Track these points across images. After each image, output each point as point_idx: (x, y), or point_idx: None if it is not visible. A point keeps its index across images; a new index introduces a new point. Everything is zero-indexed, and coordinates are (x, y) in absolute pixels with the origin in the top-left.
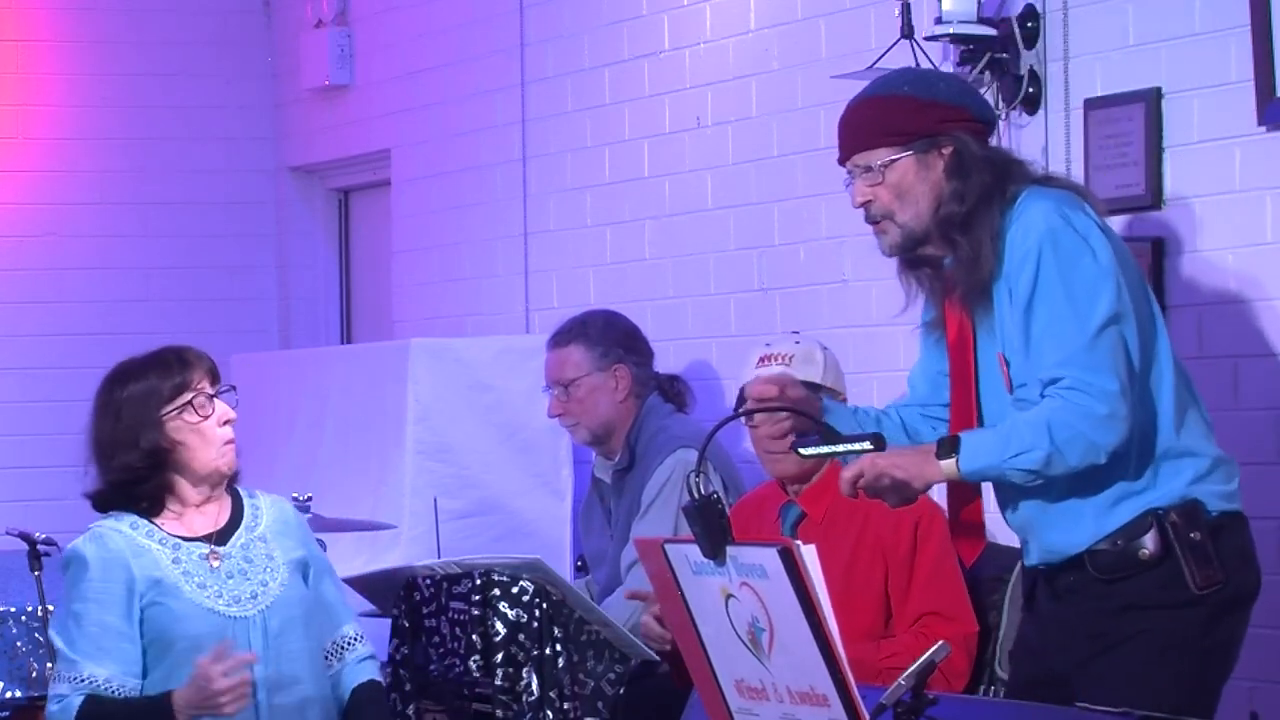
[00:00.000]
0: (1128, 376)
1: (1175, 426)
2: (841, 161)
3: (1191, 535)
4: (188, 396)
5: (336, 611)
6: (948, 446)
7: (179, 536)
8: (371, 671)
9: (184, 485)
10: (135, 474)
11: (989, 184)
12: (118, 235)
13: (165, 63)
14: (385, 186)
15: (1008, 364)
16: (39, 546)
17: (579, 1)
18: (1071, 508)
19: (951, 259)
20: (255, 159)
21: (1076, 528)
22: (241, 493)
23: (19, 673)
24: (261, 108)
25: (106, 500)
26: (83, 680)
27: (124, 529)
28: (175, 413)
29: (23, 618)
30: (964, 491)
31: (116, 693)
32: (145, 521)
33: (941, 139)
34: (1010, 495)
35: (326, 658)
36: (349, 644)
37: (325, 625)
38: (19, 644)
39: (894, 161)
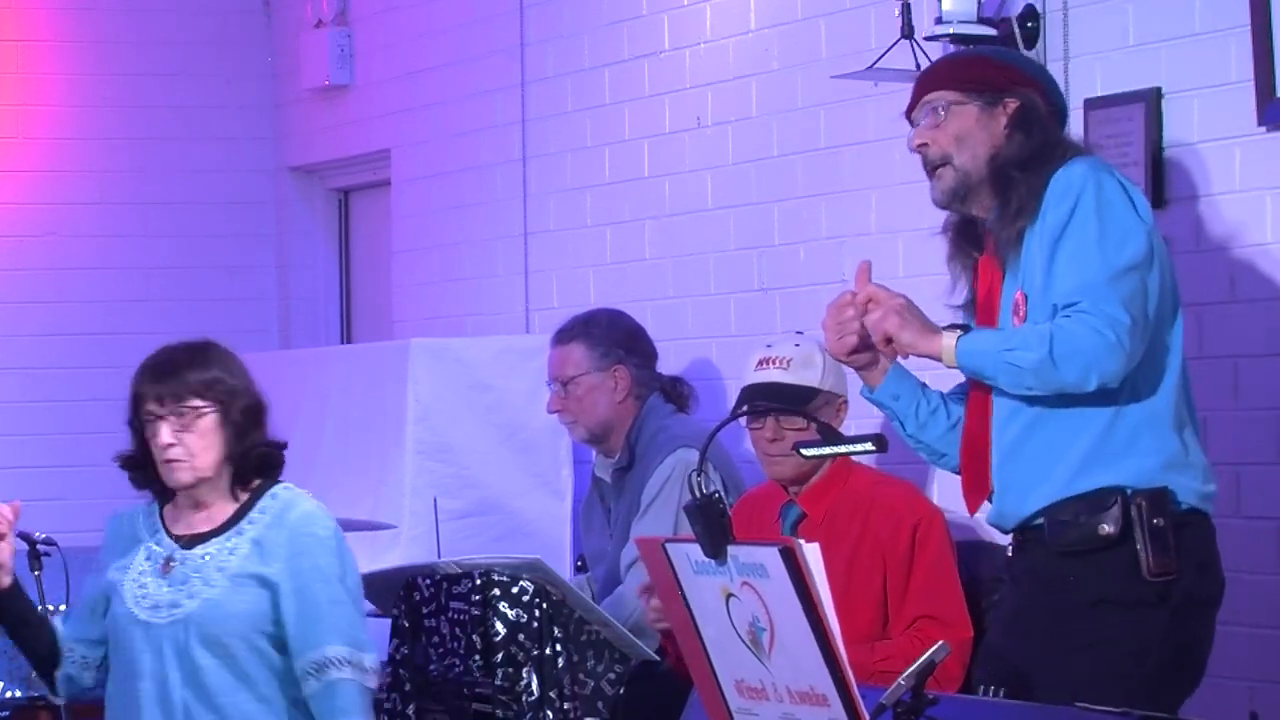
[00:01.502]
0: (1144, 324)
1: (1169, 409)
2: (909, 112)
3: (1154, 521)
4: (140, 413)
5: (316, 630)
6: (956, 329)
7: (168, 531)
8: (341, 697)
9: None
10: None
11: (1050, 142)
12: (118, 235)
13: (165, 63)
14: (385, 186)
15: (1026, 299)
16: (39, 546)
17: (579, 1)
18: (1042, 459)
19: (996, 206)
20: (255, 159)
21: (1042, 483)
22: (267, 498)
23: (19, 673)
24: (261, 108)
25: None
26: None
27: (140, 514)
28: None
29: None
30: (976, 436)
31: (69, 654)
32: (157, 509)
33: (1008, 96)
34: (996, 440)
35: (306, 676)
36: (324, 667)
37: (300, 643)
38: None
39: (958, 105)
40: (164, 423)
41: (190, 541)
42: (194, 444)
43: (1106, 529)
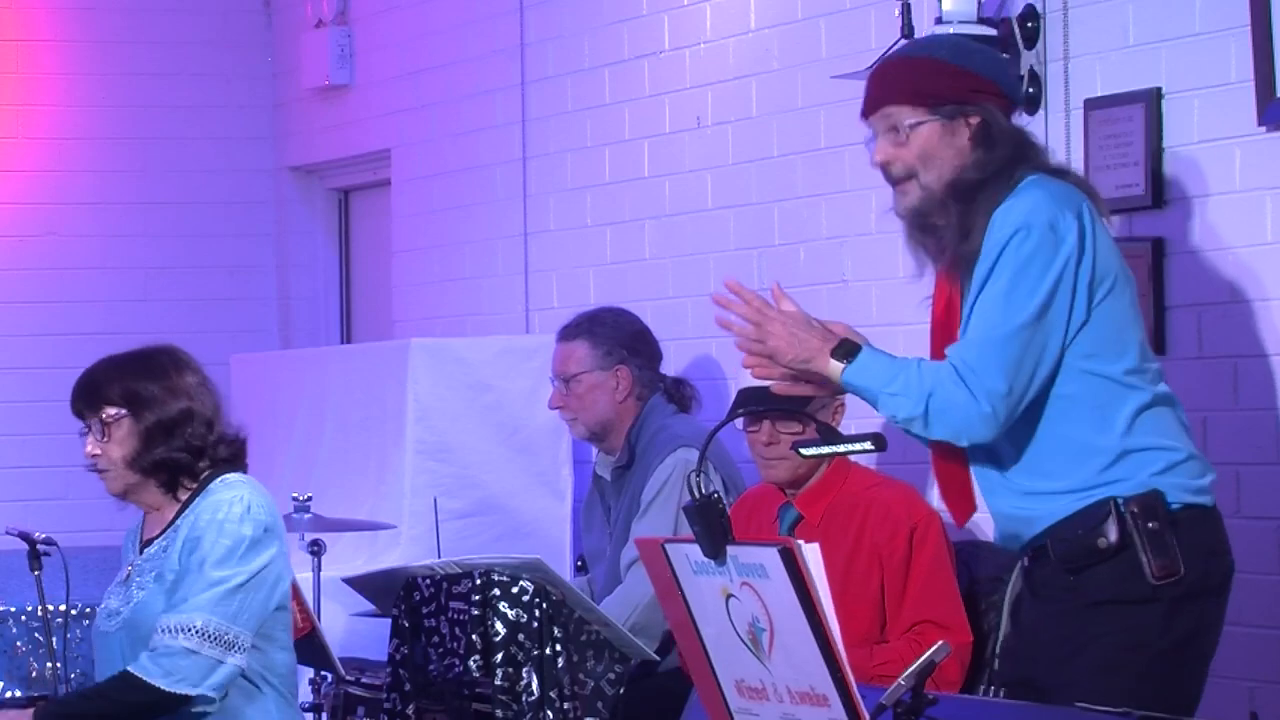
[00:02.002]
0: (1027, 384)
1: (1142, 427)
2: (864, 115)
3: (1149, 525)
4: None
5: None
6: (845, 350)
7: (142, 537)
8: (141, 666)
9: None
10: None
11: (1008, 160)
12: (118, 235)
13: (165, 63)
14: (385, 186)
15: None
16: (39, 546)
17: (579, 1)
18: (1029, 484)
19: (954, 225)
20: (255, 159)
21: (1036, 509)
22: (202, 495)
23: (19, 673)
24: (261, 108)
25: None
26: None
27: (134, 527)
28: None
29: (23, 617)
30: (950, 454)
31: None
32: (143, 519)
33: (969, 108)
34: (978, 455)
35: None
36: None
37: None
38: (19, 644)
39: (920, 125)
40: (88, 435)
41: (144, 547)
42: (114, 453)
43: (1105, 541)
